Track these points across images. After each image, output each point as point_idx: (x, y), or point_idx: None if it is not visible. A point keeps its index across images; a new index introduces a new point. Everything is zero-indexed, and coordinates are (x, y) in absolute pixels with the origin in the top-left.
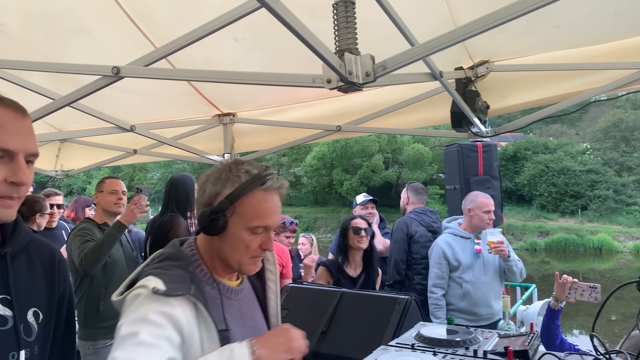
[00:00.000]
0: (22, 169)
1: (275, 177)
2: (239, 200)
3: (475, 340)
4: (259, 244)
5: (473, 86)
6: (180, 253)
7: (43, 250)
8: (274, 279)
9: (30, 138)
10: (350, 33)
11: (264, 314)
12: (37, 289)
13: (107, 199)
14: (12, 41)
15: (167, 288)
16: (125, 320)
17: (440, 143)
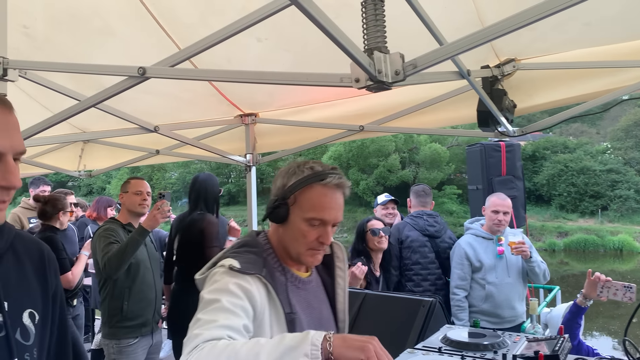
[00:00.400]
0: (12, 171)
1: (337, 176)
2: (300, 191)
3: (504, 343)
4: (316, 237)
5: (499, 85)
6: (255, 241)
7: (30, 247)
8: (343, 275)
9: (18, 135)
10: (379, 31)
11: (332, 309)
12: (30, 289)
13: (131, 199)
14: (37, 43)
15: (242, 267)
16: (207, 290)
17: (458, 142)
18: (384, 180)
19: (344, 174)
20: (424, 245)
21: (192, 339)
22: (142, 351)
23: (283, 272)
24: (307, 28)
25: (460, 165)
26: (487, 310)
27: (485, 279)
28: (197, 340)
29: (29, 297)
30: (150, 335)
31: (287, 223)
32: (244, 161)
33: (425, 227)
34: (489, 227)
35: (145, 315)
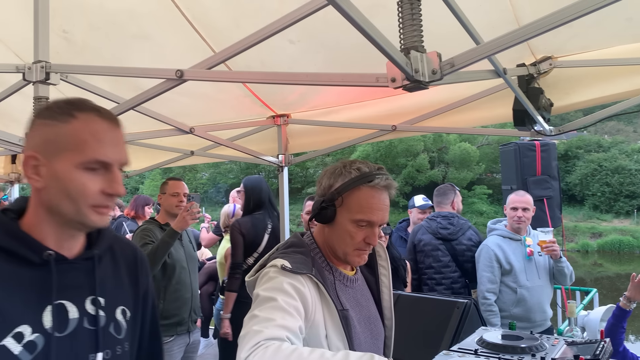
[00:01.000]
0: (117, 181)
1: (384, 177)
2: (347, 193)
3: (542, 347)
4: (363, 237)
5: (536, 83)
6: (301, 241)
7: (126, 249)
8: (386, 273)
9: (124, 148)
10: (415, 30)
11: (378, 307)
12: (123, 288)
13: (169, 201)
14: (76, 48)
15: (293, 267)
16: (262, 288)
17: (489, 142)
18: (412, 180)
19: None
20: (437, 249)
21: (252, 334)
22: (179, 349)
23: (331, 271)
24: (339, 29)
25: (491, 164)
26: (519, 315)
27: (517, 282)
28: (259, 337)
29: (122, 295)
30: (187, 334)
31: (333, 224)
32: (276, 161)
33: (437, 230)
34: (510, 225)
35: (181, 315)
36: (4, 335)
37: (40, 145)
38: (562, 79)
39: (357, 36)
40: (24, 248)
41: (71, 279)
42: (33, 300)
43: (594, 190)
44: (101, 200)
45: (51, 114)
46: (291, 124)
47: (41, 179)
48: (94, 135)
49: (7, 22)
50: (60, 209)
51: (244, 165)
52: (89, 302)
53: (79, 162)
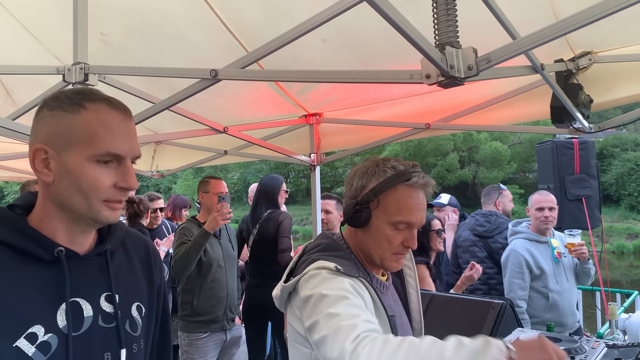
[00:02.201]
0: (130, 174)
1: (421, 174)
2: (383, 194)
3: (581, 349)
4: (401, 241)
5: (575, 79)
6: (337, 244)
7: (138, 243)
8: (412, 274)
9: (136, 140)
10: (451, 26)
11: (405, 309)
12: (138, 283)
13: (212, 200)
14: (113, 50)
15: (345, 270)
16: (323, 288)
17: (520, 141)
18: (442, 180)
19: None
20: (474, 245)
21: (346, 329)
22: (214, 346)
23: (368, 277)
24: (371, 27)
25: (523, 164)
26: (551, 320)
27: (547, 286)
28: (357, 330)
29: (137, 290)
30: (223, 331)
31: (368, 227)
32: (308, 160)
33: (474, 227)
34: (535, 226)
35: (215, 312)
36: (17, 337)
37: (49, 137)
38: (602, 74)
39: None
40: (34, 245)
41: (84, 276)
42: (46, 299)
43: (631, 190)
44: (114, 195)
45: (59, 105)
46: (323, 123)
47: (51, 172)
48: (105, 126)
49: (47, 25)
50: (71, 204)
51: (273, 165)
52: (103, 299)
53: (90, 154)
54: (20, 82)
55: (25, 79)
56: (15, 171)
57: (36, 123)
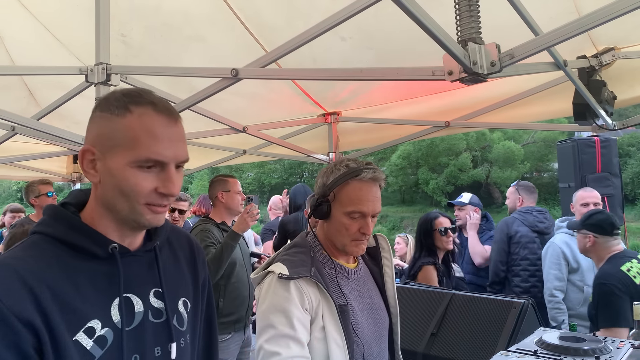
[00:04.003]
0: (172, 180)
1: (372, 170)
2: (337, 188)
3: (606, 349)
4: (357, 228)
5: (597, 75)
6: (304, 241)
7: (181, 239)
8: (389, 264)
9: (182, 145)
10: (473, 22)
11: (382, 295)
12: (184, 279)
13: (234, 199)
14: (133, 50)
15: (290, 272)
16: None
17: (534, 140)
18: (454, 179)
19: (378, 168)
20: (533, 242)
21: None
22: (235, 346)
23: (332, 266)
24: (390, 24)
25: (537, 163)
26: (585, 314)
27: (584, 281)
28: None
29: (183, 286)
30: (243, 330)
31: (330, 218)
32: (326, 160)
33: (535, 223)
34: None
35: (240, 312)
36: (77, 331)
37: (97, 139)
38: (626, 70)
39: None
40: (89, 242)
41: (135, 272)
42: (101, 294)
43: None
44: (155, 199)
45: (108, 107)
46: (341, 122)
47: (97, 174)
48: (148, 131)
49: (69, 27)
50: (115, 205)
51: (287, 165)
52: (152, 294)
53: (131, 160)
54: (43, 83)
55: (48, 80)
56: (38, 171)
57: (89, 124)
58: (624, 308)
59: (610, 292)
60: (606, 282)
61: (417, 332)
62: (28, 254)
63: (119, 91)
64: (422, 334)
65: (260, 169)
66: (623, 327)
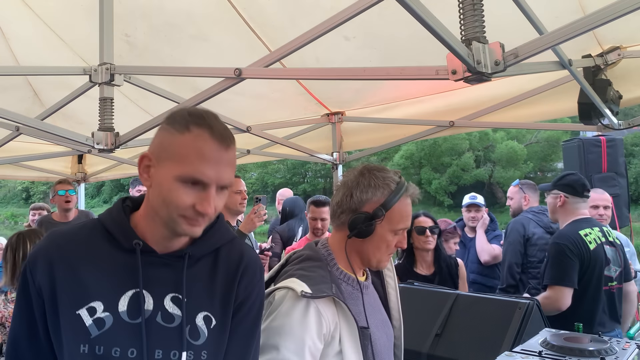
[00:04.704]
0: (208, 201)
1: (409, 183)
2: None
3: (611, 350)
4: (395, 243)
5: (603, 75)
6: (317, 254)
7: (233, 255)
8: (391, 275)
9: (228, 170)
10: (477, 21)
11: (385, 308)
12: (214, 295)
13: (233, 198)
14: (137, 51)
15: (313, 291)
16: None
17: (537, 140)
18: (457, 179)
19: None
20: (548, 243)
21: None
22: None
23: (348, 282)
24: (394, 24)
25: (540, 163)
26: None
27: None
28: None
29: (210, 301)
30: None
31: (371, 236)
32: (330, 159)
33: (549, 224)
34: None
35: None
36: (81, 306)
37: (156, 147)
38: (632, 69)
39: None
40: (119, 233)
41: (157, 273)
42: (116, 282)
43: None
44: (191, 214)
45: (173, 122)
46: (345, 122)
47: (149, 178)
48: (198, 152)
49: (73, 27)
50: (158, 210)
51: (290, 165)
52: (168, 298)
53: (177, 174)
54: (47, 83)
55: (53, 80)
56: (42, 171)
57: (157, 132)
58: (571, 269)
59: (562, 252)
60: (560, 242)
61: (422, 332)
62: (70, 231)
63: (187, 110)
64: (427, 334)
65: (263, 168)
66: (567, 286)
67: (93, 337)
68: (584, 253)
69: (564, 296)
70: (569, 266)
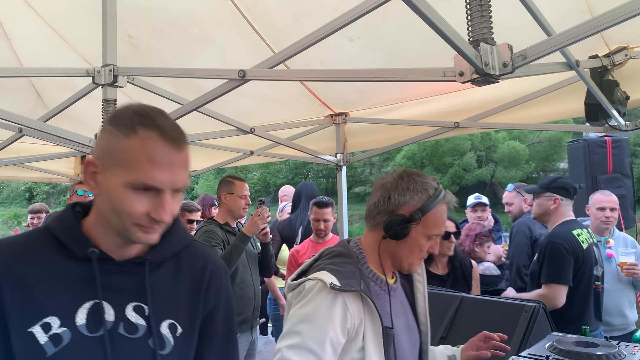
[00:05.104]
0: (164, 207)
1: (447, 190)
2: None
3: (620, 355)
4: (428, 248)
5: (610, 75)
6: (349, 251)
7: (195, 261)
8: (421, 280)
9: (182, 172)
10: (485, 22)
11: (413, 312)
12: (178, 301)
13: (237, 202)
14: (140, 52)
15: (342, 284)
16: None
17: (540, 140)
18: (459, 179)
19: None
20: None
21: None
22: (242, 347)
23: (377, 282)
24: (399, 24)
25: (543, 163)
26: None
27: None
28: None
29: (174, 309)
30: (250, 331)
31: (405, 239)
32: (334, 160)
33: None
34: (595, 226)
35: (246, 313)
36: (33, 323)
37: (101, 152)
38: (639, 70)
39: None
40: (72, 242)
41: (116, 281)
42: (72, 294)
43: None
44: (145, 222)
45: (117, 123)
46: (349, 123)
47: (97, 186)
48: (148, 157)
49: (76, 28)
50: (109, 219)
51: (292, 165)
52: (130, 308)
53: (127, 181)
54: (50, 84)
55: (56, 82)
56: (45, 172)
57: (99, 135)
58: (567, 267)
59: (558, 251)
60: (555, 241)
61: None
62: (17, 241)
63: (132, 109)
64: (432, 336)
65: (265, 169)
66: (563, 284)
67: (49, 356)
68: (579, 252)
69: (560, 294)
70: (564, 264)
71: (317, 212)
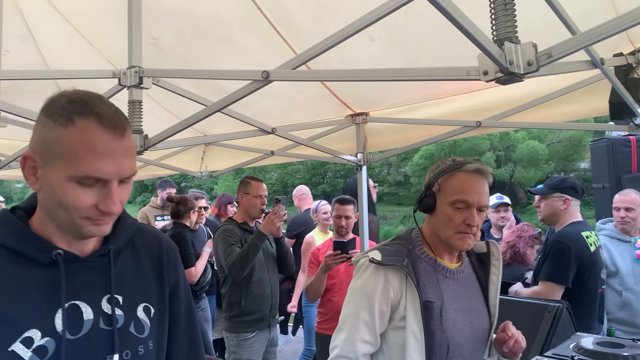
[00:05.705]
0: (112, 198)
1: (478, 162)
2: (442, 178)
3: None
4: (462, 220)
5: (635, 73)
6: (407, 235)
7: (150, 241)
8: (497, 273)
9: (127, 160)
10: (509, 21)
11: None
12: (146, 283)
13: (252, 202)
14: (164, 53)
15: (382, 259)
16: (354, 285)
17: (559, 139)
18: None
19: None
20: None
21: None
22: (260, 345)
23: (430, 262)
24: (420, 24)
25: (562, 162)
26: (623, 319)
27: (623, 285)
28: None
29: (144, 291)
30: (268, 329)
31: (435, 211)
32: (355, 160)
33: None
34: (618, 226)
35: (262, 311)
36: (13, 341)
37: (38, 146)
38: None
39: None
40: (31, 248)
41: (85, 278)
42: (44, 302)
43: None
44: (94, 215)
45: (52, 114)
46: (370, 122)
47: (38, 181)
48: (88, 147)
49: (101, 31)
50: (55, 215)
51: (310, 165)
52: (105, 301)
53: (70, 174)
54: (76, 87)
55: (82, 84)
56: None
57: (34, 127)
58: (568, 268)
59: (562, 251)
60: (563, 241)
61: None
62: None
63: (66, 97)
64: None
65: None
66: (559, 284)
67: None
68: (585, 254)
69: (555, 293)
70: (566, 265)
71: (339, 208)
